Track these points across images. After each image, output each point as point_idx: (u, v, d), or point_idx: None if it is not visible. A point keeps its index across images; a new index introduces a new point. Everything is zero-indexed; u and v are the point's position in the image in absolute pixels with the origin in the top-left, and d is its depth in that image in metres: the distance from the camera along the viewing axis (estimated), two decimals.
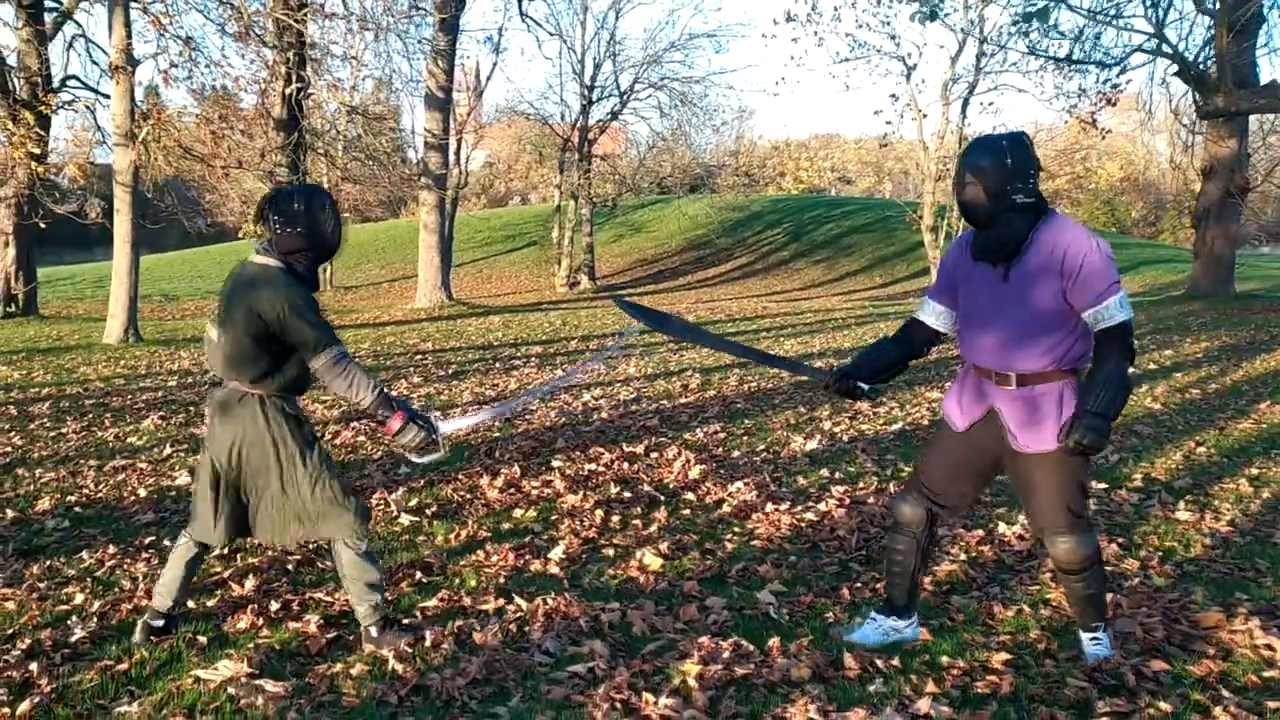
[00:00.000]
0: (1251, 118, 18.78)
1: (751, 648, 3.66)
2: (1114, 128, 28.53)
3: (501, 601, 4.21)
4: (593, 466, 6.57)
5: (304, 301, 3.55)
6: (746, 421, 8.01)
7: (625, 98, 31.13)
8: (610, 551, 4.93)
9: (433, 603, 4.23)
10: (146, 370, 11.62)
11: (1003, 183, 3.29)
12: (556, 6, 38.35)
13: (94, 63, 20.05)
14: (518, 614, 4.08)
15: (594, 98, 30.63)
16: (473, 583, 4.52)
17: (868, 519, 5.29)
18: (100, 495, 6.00)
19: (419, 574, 4.63)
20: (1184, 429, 7.68)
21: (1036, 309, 3.33)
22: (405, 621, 4.01)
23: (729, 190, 39.61)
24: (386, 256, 36.57)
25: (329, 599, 4.30)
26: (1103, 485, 5.92)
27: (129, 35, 14.71)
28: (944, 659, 3.63)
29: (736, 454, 6.90)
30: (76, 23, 19.98)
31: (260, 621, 4.05)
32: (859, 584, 4.43)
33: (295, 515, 3.71)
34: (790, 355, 12.12)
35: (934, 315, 3.73)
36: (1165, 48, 17.25)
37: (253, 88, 18.56)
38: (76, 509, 5.72)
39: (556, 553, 4.87)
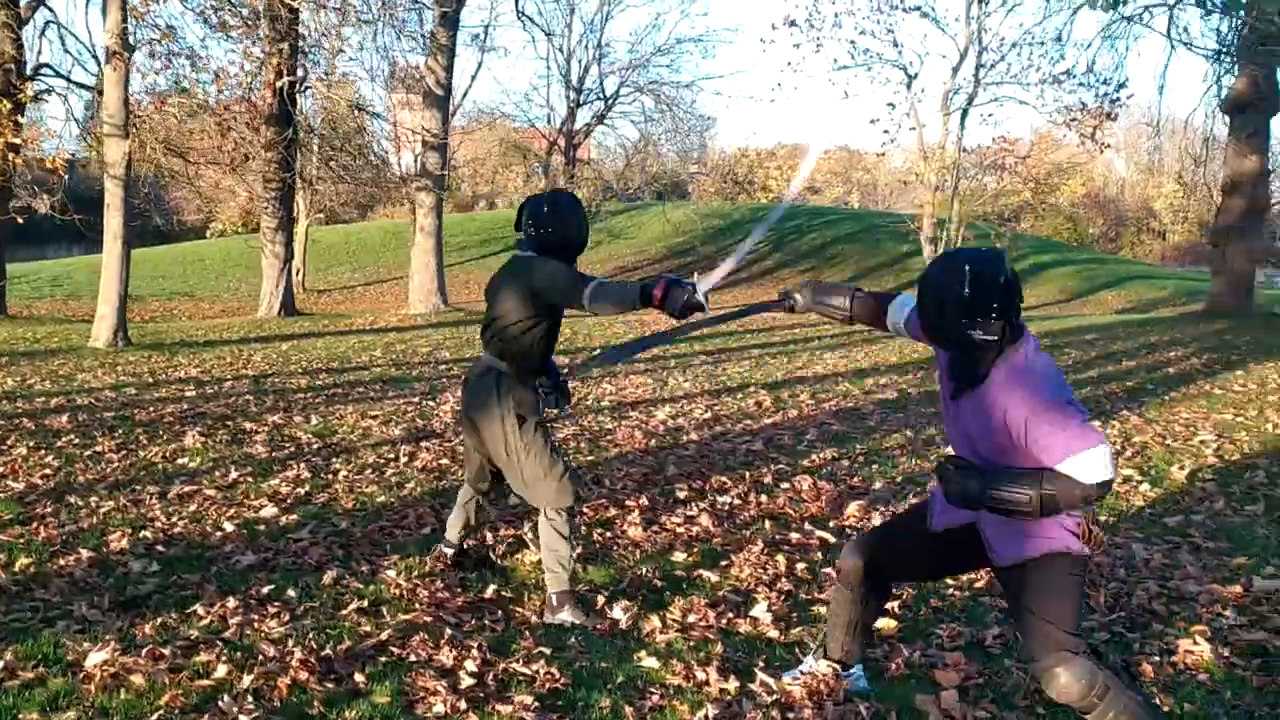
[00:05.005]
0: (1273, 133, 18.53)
1: None
2: (1077, 143, 28.25)
3: (737, 679, 3.51)
4: (726, 499, 5.88)
5: (564, 267, 3.99)
6: (857, 445, 7.37)
7: (611, 102, 30.44)
8: (821, 609, 4.24)
9: (646, 667, 3.51)
10: (154, 379, 10.69)
11: (957, 314, 2.76)
12: (545, 6, 37.55)
13: (66, 51, 18.95)
14: (774, 697, 3.37)
15: (580, 101, 29.90)
16: (680, 647, 3.82)
17: (1099, 568, 4.65)
18: (178, 530, 5.18)
19: (598, 627, 3.94)
20: None
21: (980, 443, 2.89)
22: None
23: (713, 197, 38.97)
24: (358, 260, 35.49)
25: (527, 671, 3.56)
26: None
27: (125, 19, 13.73)
28: None
29: (879, 485, 6.24)
30: (49, 9, 18.89)
31: (463, 704, 3.31)
32: (1154, 655, 3.78)
33: (520, 481, 4.11)
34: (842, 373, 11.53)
35: (898, 319, 3.26)
36: None
37: (233, 81, 17.59)
38: (158, 547, 4.90)
39: (760, 610, 4.18)
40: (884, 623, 3.96)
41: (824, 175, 60.07)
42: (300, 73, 18.57)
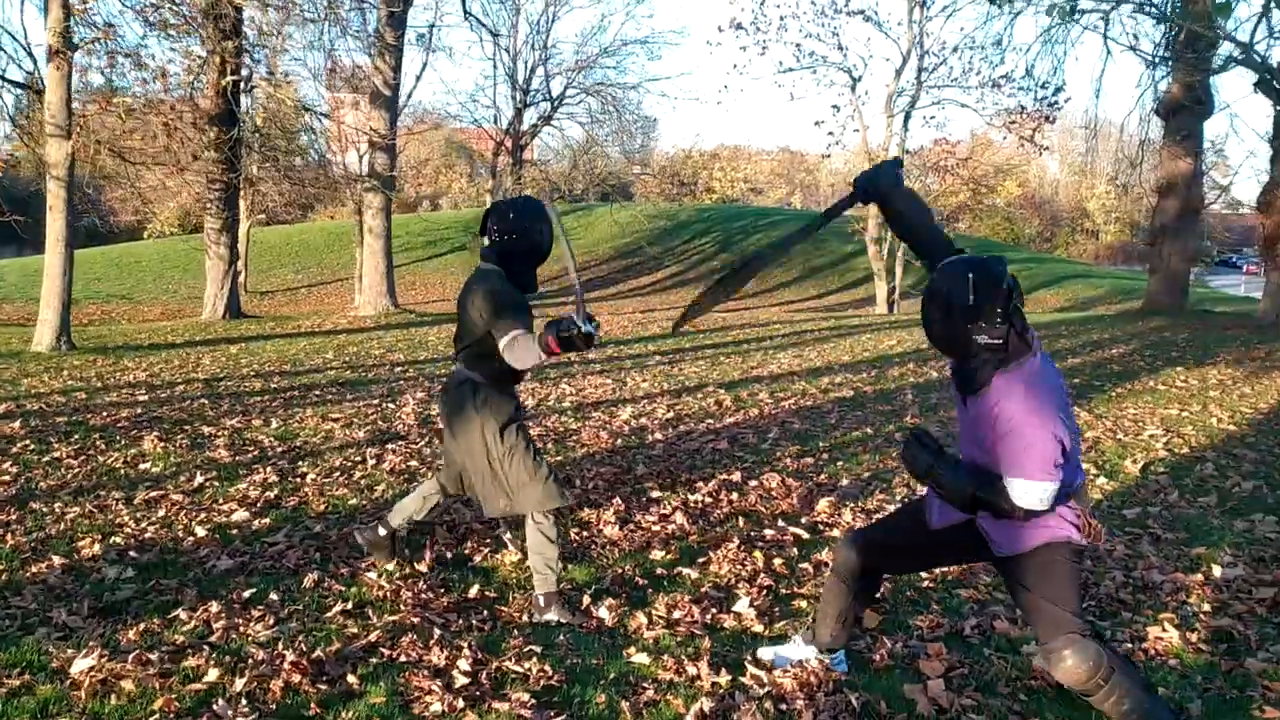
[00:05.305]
0: (1205, 136, 19.04)
1: None
2: (1013, 146, 28.92)
3: (728, 673, 3.57)
4: (697, 497, 5.95)
5: (505, 293, 3.96)
6: (819, 443, 7.48)
7: (557, 103, 30.41)
8: (802, 604, 4.33)
9: (637, 663, 3.56)
10: (102, 383, 10.50)
11: (962, 320, 2.84)
12: (491, 7, 37.36)
13: (1, 49, 18.52)
14: (766, 689, 3.44)
15: (527, 102, 29.83)
16: (668, 643, 3.87)
17: None
18: (149, 535, 5.12)
19: (584, 625, 3.99)
20: None
21: (982, 452, 2.99)
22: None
23: (659, 197, 39.11)
24: (300, 261, 35.07)
25: (520, 669, 3.59)
26: None
27: (67, 17, 13.45)
28: None
29: (845, 481, 6.36)
30: None
31: (459, 703, 3.33)
32: (1125, 642, 3.92)
33: (502, 490, 4.08)
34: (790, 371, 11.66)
35: None
36: (1254, 57, 16.01)
37: (173, 80, 17.27)
38: (131, 553, 4.84)
39: (743, 605, 4.25)
40: (866, 615, 4.05)
41: (767, 176, 60.62)
42: (245, 71, 18.32)
